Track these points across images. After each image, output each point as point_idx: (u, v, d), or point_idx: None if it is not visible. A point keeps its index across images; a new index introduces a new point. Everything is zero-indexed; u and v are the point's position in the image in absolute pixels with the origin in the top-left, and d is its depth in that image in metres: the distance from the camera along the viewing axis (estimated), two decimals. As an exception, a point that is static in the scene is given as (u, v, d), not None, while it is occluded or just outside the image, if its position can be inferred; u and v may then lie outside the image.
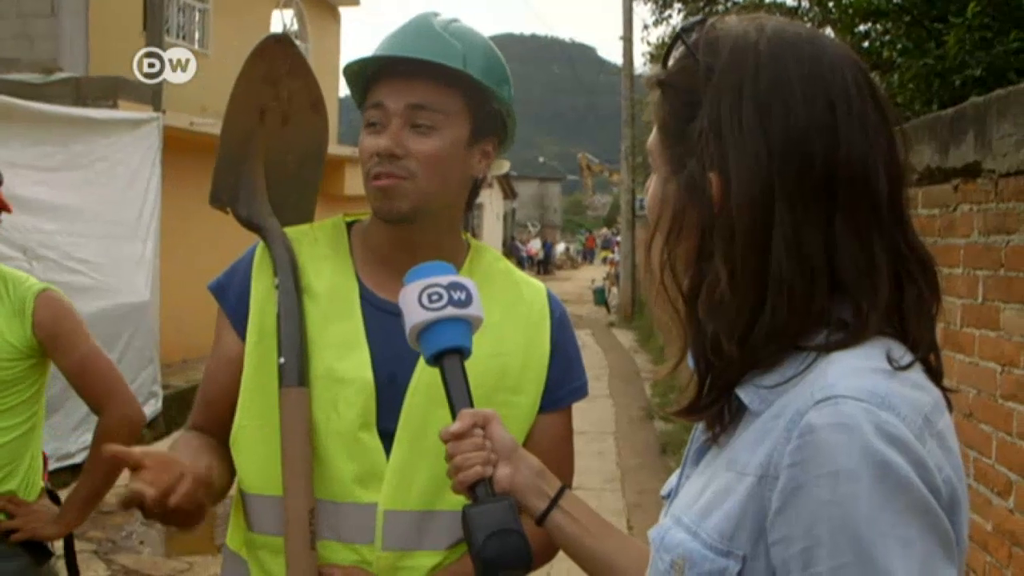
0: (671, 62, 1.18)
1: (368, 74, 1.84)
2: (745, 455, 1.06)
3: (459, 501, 1.77)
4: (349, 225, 1.97)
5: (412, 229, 1.84)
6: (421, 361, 1.77)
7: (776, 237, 1.05)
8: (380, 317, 1.84)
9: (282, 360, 1.78)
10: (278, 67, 2.03)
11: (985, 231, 3.43)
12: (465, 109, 1.83)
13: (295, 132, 2.08)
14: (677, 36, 1.17)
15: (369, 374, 1.79)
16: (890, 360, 1.05)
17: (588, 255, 60.76)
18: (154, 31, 10.82)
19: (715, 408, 1.13)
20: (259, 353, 1.83)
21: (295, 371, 1.77)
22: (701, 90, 1.11)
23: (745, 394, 1.09)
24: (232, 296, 1.91)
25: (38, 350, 2.69)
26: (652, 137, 1.21)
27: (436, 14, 1.88)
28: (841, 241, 1.06)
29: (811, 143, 1.06)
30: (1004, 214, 3.27)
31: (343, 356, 1.81)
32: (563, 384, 1.93)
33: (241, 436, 1.85)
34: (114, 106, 9.81)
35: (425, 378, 1.78)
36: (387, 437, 1.78)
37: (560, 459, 1.65)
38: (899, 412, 0.99)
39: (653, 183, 1.21)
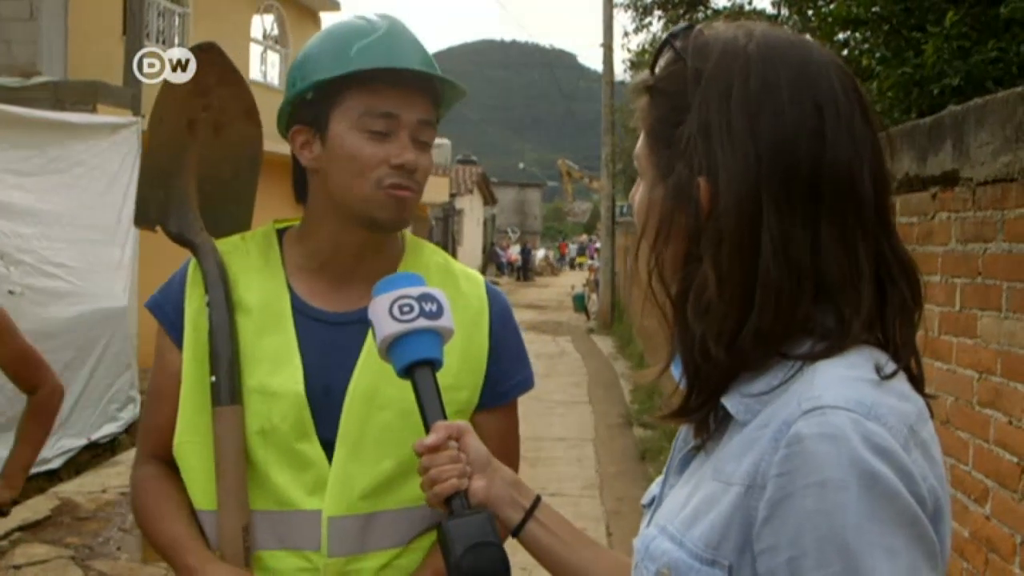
0: (659, 67, 1.18)
1: (351, 75, 1.76)
2: (731, 465, 1.06)
3: (400, 500, 1.79)
4: (280, 232, 1.95)
5: (372, 235, 1.84)
6: (357, 368, 1.80)
7: (764, 241, 1.06)
8: (313, 327, 1.84)
9: (213, 379, 1.78)
10: (206, 77, 2.00)
11: (963, 239, 3.44)
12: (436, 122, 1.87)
13: (229, 141, 2.06)
14: (666, 41, 1.18)
15: (301, 387, 1.79)
16: (876, 370, 1.05)
17: (561, 261, 60.98)
18: (134, 36, 10.78)
19: (701, 413, 1.13)
20: (194, 371, 1.83)
21: (227, 390, 1.77)
22: (690, 94, 1.11)
23: (731, 403, 1.09)
24: (170, 313, 1.89)
25: None
26: (639, 143, 1.21)
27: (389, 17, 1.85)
28: (826, 245, 1.07)
29: (799, 147, 1.07)
30: (981, 222, 3.29)
31: (275, 370, 1.80)
32: (506, 379, 1.92)
33: (181, 452, 1.84)
34: (93, 110, 9.76)
35: (362, 385, 1.79)
36: (328, 445, 1.78)
37: (506, 455, 1.66)
38: (885, 422, 0.99)
39: (640, 189, 1.21)
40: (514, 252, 48.44)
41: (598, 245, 32.68)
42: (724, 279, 1.07)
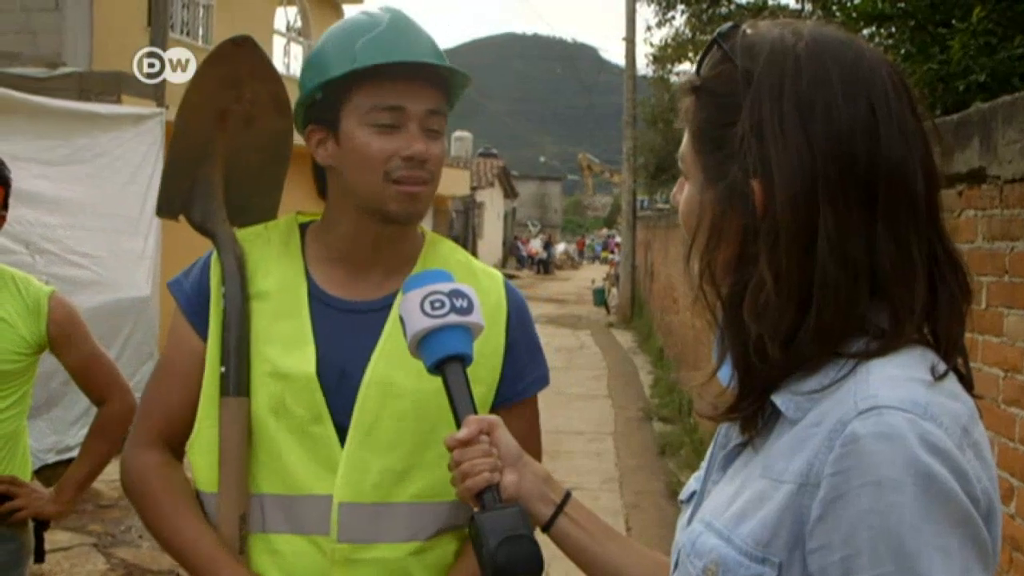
0: (705, 68, 1.18)
1: (356, 72, 1.79)
2: (782, 462, 1.06)
3: (414, 493, 1.80)
4: (303, 226, 1.97)
5: (387, 227, 1.86)
6: (374, 356, 1.82)
7: (821, 239, 1.05)
8: (330, 314, 1.86)
9: (223, 369, 1.81)
10: (239, 69, 2.02)
11: (989, 237, 3.42)
12: (447, 110, 1.88)
13: (259, 133, 2.08)
14: (713, 41, 1.17)
15: (312, 370, 1.80)
16: (930, 370, 1.05)
17: (579, 255, 61.00)
18: (158, 27, 10.81)
19: (750, 410, 1.13)
20: (211, 358, 1.86)
21: (234, 381, 1.81)
22: (740, 95, 1.10)
23: (781, 401, 1.09)
24: (191, 295, 1.91)
25: (44, 346, 2.87)
26: (684, 144, 1.21)
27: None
28: (881, 243, 1.06)
29: (853, 143, 1.06)
30: (1009, 220, 3.27)
31: (288, 353, 1.83)
32: (523, 376, 1.94)
33: (198, 439, 1.87)
34: (117, 101, 9.79)
35: (378, 373, 1.81)
36: (342, 431, 1.80)
37: (528, 451, 1.65)
38: (940, 422, 0.99)
39: (687, 190, 1.21)
40: (535, 245, 48.42)
41: (618, 240, 32.65)
42: (781, 279, 1.06)
